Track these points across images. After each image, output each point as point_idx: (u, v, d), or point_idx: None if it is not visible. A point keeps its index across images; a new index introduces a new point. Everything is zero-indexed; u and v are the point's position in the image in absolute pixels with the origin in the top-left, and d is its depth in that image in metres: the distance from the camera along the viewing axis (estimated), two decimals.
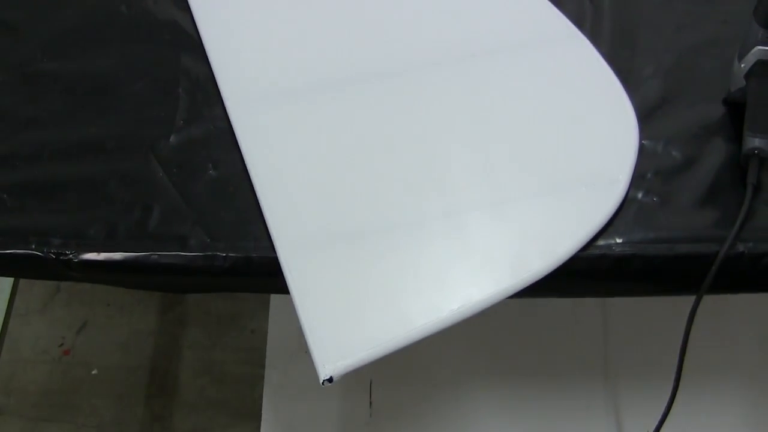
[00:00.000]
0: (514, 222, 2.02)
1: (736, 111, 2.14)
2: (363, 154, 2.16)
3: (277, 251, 2.02)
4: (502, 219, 2.03)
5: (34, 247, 2.03)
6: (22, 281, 2.90)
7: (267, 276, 2.02)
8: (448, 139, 2.16)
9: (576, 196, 2.05)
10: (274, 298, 2.73)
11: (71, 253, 2.02)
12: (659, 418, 2.10)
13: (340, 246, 2.00)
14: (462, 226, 2.02)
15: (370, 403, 2.53)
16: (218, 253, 2.02)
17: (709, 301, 1.96)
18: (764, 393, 2.50)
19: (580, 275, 2.00)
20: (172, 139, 2.20)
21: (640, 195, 2.08)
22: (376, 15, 2.42)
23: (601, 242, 2.01)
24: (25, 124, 2.24)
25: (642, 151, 2.14)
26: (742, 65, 2.10)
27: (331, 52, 2.36)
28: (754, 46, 2.08)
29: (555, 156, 2.13)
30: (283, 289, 1.99)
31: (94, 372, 2.97)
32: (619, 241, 2.01)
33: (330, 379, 1.92)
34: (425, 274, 1.97)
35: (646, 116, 2.20)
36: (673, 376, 2.03)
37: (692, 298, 1.97)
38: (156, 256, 2.03)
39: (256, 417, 2.55)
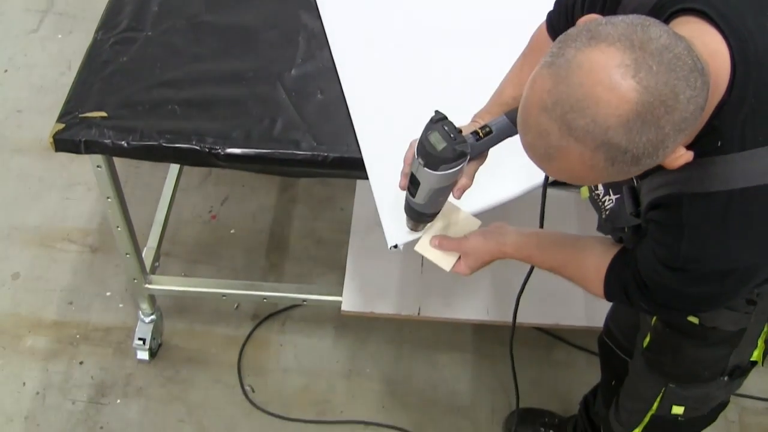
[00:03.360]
0: None
1: None
2: (421, 90, 2.15)
3: (362, 153, 2.03)
4: None
5: (194, 143, 2.06)
6: (186, 167, 2.91)
7: (355, 169, 2.05)
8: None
9: None
10: (358, 187, 2.73)
11: (220, 149, 2.05)
12: None
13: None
14: None
15: (422, 263, 2.54)
16: (321, 153, 2.04)
17: None
18: None
19: None
20: (293, 72, 2.21)
21: None
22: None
23: None
24: (191, 58, 2.25)
25: None
26: None
27: (408, 18, 2.34)
28: None
29: None
30: (364, 177, 2.03)
31: (232, 231, 2.99)
32: None
33: (396, 246, 1.92)
34: None
35: None
36: None
37: None
38: (278, 153, 2.05)
39: (342, 269, 2.57)
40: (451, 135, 1.54)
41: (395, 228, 1.91)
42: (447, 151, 1.53)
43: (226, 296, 2.65)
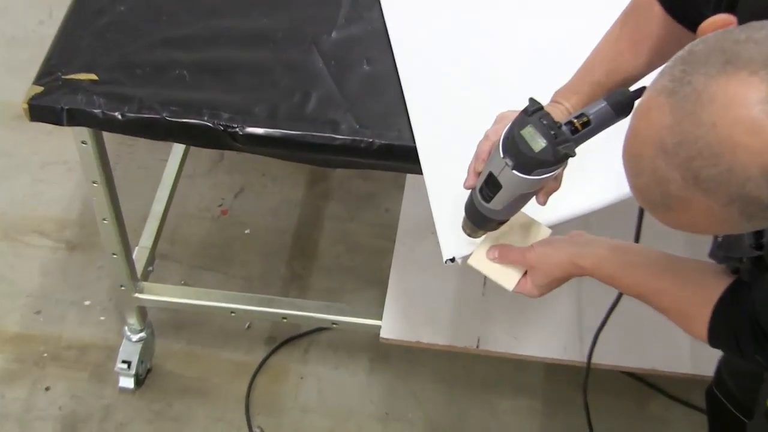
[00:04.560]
0: None
1: None
2: (493, 66, 2.15)
3: (416, 141, 2.03)
4: None
5: (206, 118, 2.07)
6: (193, 148, 2.93)
7: (406, 161, 2.04)
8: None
9: None
10: (408, 183, 2.73)
11: (237, 127, 2.06)
12: None
13: (469, 147, 1.97)
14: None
15: (484, 283, 2.53)
16: (365, 139, 2.04)
17: None
18: None
19: None
20: (333, 35, 2.21)
21: None
22: None
23: None
24: (206, 12, 2.26)
25: None
26: None
27: None
28: None
29: None
30: (418, 171, 2.02)
31: (246, 231, 3.01)
32: None
33: (452, 259, 1.92)
34: None
35: None
36: None
37: None
38: (310, 136, 2.05)
39: (383, 285, 2.57)
40: (552, 132, 1.49)
41: (454, 237, 1.90)
42: (546, 152, 1.49)
43: (235, 312, 2.65)
